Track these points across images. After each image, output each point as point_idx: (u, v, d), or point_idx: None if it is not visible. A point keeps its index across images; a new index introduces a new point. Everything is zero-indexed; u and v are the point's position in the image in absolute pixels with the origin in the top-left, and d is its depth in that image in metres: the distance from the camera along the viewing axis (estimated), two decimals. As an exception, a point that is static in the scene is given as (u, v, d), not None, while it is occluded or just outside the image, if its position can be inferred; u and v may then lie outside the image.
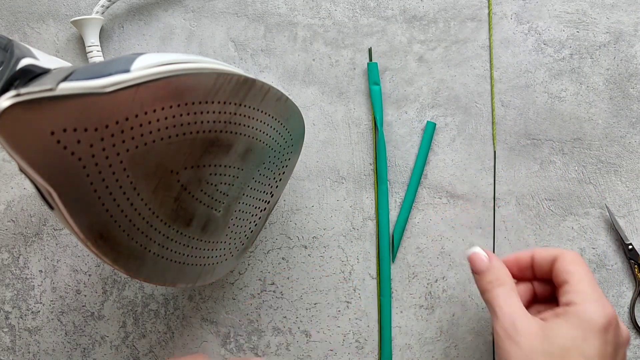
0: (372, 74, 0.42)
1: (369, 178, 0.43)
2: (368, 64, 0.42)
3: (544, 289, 0.36)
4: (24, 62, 0.31)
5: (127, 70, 0.25)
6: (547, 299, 0.36)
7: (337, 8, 0.43)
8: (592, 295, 0.32)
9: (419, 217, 0.43)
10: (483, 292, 0.35)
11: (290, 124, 0.35)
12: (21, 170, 0.23)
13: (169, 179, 0.28)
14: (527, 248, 0.42)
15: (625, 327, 0.33)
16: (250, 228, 0.37)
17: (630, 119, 0.42)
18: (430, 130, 0.42)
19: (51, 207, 0.24)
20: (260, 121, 0.32)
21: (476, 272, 0.35)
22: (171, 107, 0.26)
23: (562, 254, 0.34)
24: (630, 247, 0.41)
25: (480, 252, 0.35)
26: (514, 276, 0.36)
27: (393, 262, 0.42)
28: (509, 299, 0.33)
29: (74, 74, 0.25)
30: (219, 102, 0.29)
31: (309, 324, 0.43)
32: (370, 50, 0.43)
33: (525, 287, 0.36)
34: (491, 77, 0.42)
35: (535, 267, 0.36)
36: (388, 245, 0.42)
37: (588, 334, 0.31)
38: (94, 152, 0.24)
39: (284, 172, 0.38)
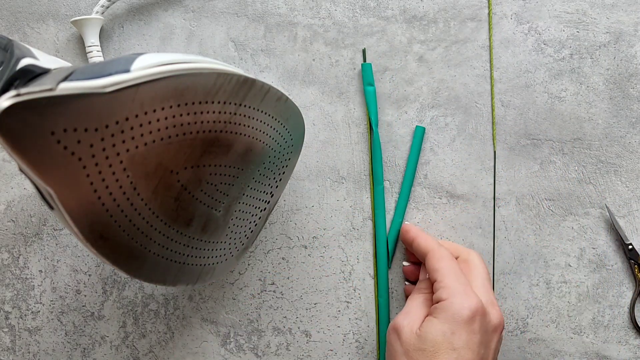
0: (367, 75, 0.42)
1: (369, 178, 0.43)
2: (362, 64, 0.42)
3: None
4: (24, 62, 0.31)
5: (127, 70, 0.25)
6: None
7: (337, 8, 0.43)
8: (457, 289, 0.34)
9: (419, 217, 0.43)
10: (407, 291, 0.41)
11: (290, 124, 0.35)
12: (21, 170, 0.23)
13: (169, 179, 0.28)
14: (527, 248, 0.42)
15: (497, 313, 0.35)
16: (250, 228, 0.37)
17: (630, 119, 0.42)
18: (419, 135, 0.42)
19: (51, 207, 0.24)
20: (260, 121, 0.32)
21: (406, 276, 0.42)
22: (171, 107, 0.26)
23: (430, 251, 0.37)
24: (630, 247, 0.41)
25: (409, 267, 0.41)
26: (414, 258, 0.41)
27: (389, 267, 0.43)
28: (420, 303, 0.37)
29: (74, 74, 0.25)
30: (219, 102, 0.29)
31: (309, 324, 0.43)
32: (364, 51, 0.43)
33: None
34: (491, 77, 0.42)
35: (417, 255, 0.40)
36: (385, 246, 0.42)
37: (455, 327, 0.33)
38: (94, 152, 0.24)
39: (284, 172, 0.38)
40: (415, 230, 0.40)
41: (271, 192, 0.37)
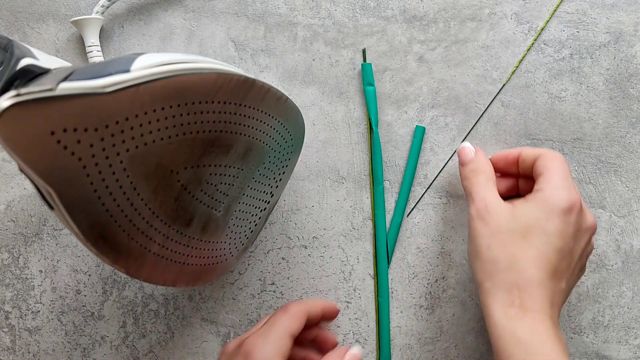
0: (367, 75, 0.42)
1: (369, 178, 0.43)
2: (362, 64, 0.42)
3: (526, 186, 0.38)
4: (24, 62, 0.31)
5: (127, 70, 0.25)
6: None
7: (337, 8, 0.43)
8: (561, 183, 0.34)
9: (419, 217, 0.43)
10: (463, 179, 0.38)
11: (290, 124, 0.35)
12: (21, 170, 0.23)
13: (169, 179, 0.28)
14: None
15: (591, 216, 0.36)
16: (250, 228, 0.37)
17: (630, 119, 0.42)
18: (419, 135, 0.42)
19: (51, 207, 0.24)
20: (260, 121, 0.32)
21: (461, 164, 0.38)
22: (171, 107, 0.26)
23: (545, 152, 0.37)
24: None
25: (468, 146, 0.39)
26: (500, 170, 0.39)
27: (389, 267, 0.43)
28: (485, 185, 0.36)
29: (74, 74, 0.25)
30: (219, 102, 0.29)
31: (309, 324, 0.43)
32: (364, 51, 0.43)
33: (508, 182, 0.39)
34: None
35: (520, 163, 0.38)
36: (385, 246, 0.42)
37: (550, 214, 0.33)
38: (94, 152, 0.24)
39: (284, 172, 0.38)
40: (515, 149, 0.39)
41: (271, 192, 0.37)
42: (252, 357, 0.33)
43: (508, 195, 0.39)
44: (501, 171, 0.40)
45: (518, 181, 0.39)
